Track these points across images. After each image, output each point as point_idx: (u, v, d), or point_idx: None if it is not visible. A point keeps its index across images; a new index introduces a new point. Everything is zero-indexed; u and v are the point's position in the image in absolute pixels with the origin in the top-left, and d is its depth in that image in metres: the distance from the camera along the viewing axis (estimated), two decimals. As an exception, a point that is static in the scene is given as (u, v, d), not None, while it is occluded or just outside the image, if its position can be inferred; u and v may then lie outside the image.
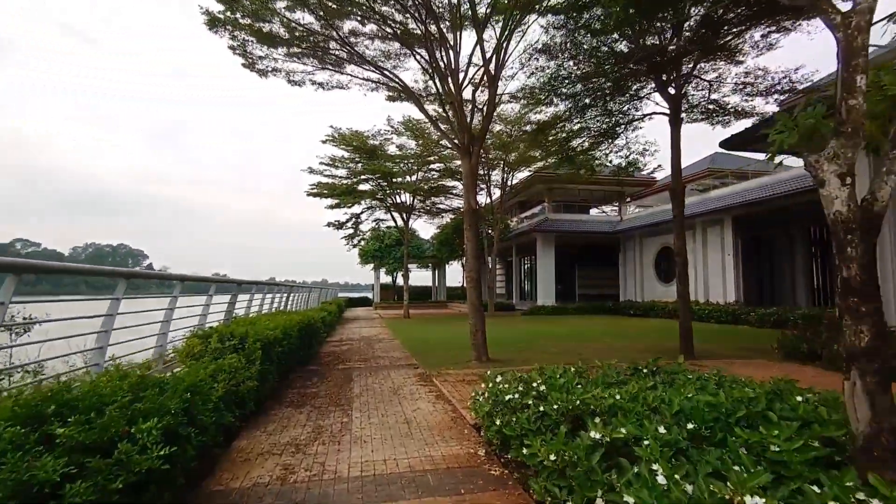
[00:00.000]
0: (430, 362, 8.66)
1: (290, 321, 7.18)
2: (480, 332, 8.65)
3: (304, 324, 8.27)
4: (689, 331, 9.19)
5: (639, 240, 24.84)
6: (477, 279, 8.81)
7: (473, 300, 8.76)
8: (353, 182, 21.73)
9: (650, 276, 23.91)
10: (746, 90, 10.45)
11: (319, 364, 8.74)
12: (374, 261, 35.58)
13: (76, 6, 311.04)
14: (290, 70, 9.50)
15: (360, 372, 7.82)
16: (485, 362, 8.43)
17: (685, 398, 3.04)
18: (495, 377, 4.53)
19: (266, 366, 5.04)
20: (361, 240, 23.93)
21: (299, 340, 7.71)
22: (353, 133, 20.27)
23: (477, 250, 8.82)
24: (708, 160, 31.77)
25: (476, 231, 8.81)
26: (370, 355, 9.87)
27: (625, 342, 11.90)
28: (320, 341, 11.38)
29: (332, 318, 14.58)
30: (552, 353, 9.85)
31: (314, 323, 9.64)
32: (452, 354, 9.61)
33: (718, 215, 19.04)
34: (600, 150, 11.96)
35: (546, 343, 11.62)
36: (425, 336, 13.60)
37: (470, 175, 8.92)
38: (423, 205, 25.83)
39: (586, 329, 15.82)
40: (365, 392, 6.21)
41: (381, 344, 12.02)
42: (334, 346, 11.75)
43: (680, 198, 9.36)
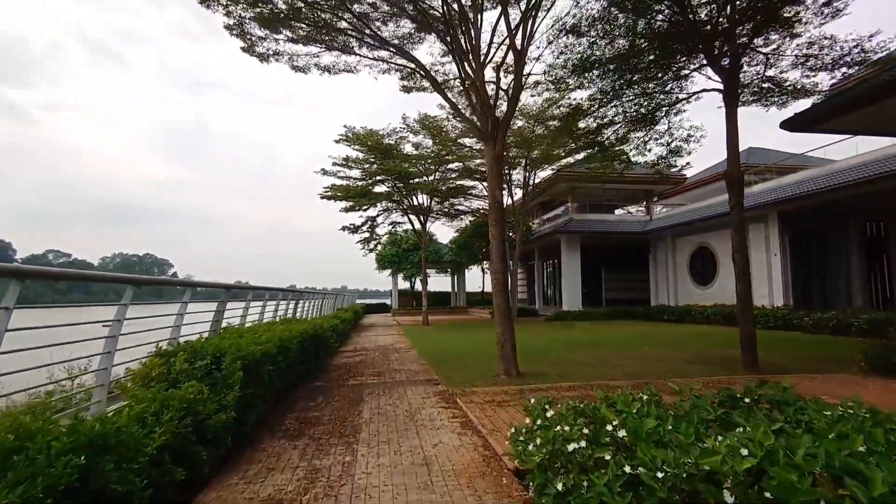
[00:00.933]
0: (451, 377, 7.59)
1: (291, 332, 6.21)
2: (509, 343, 7.55)
3: (310, 334, 7.30)
4: (751, 339, 7.92)
5: (671, 240, 23.33)
6: (504, 282, 7.72)
7: (500, 306, 7.67)
8: (368, 183, 20.89)
9: (684, 278, 22.37)
10: (809, 63, 9.14)
11: (328, 379, 7.75)
12: (391, 266, 34.72)
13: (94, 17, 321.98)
14: (293, 53, 8.64)
15: (373, 389, 6.80)
16: (515, 377, 7.32)
17: (866, 459, 1.90)
18: (542, 407, 3.44)
19: (251, 390, 4.05)
20: (378, 244, 23.05)
21: (302, 353, 6.75)
22: (368, 132, 19.45)
23: (504, 250, 7.75)
24: (743, 155, 30.00)
25: (502, 229, 7.75)
26: (385, 368, 8.85)
27: (668, 351, 10.61)
28: (331, 352, 10.43)
29: (345, 326, 13.65)
30: (590, 364, 8.67)
31: (323, 332, 8.69)
32: (477, 367, 8.52)
33: (762, 211, 17.51)
34: (637, 137, 10.74)
35: (580, 353, 10.42)
36: (445, 345, 12.53)
37: (494, 164, 7.86)
38: (440, 207, 24.84)
39: (620, 336, 14.51)
40: (376, 417, 5.18)
41: (397, 354, 11.00)
42: (347, 356, 10.78)
43: (738, 186, 8.11)
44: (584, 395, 5.93)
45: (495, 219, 7.80)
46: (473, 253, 31.68)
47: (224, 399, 3.53)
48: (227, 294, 5.37)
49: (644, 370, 7.95)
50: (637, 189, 30.70)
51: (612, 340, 13.30)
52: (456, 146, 21.07)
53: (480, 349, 11.33)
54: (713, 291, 20.37)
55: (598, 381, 6.90)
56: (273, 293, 8.32)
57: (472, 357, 9.91)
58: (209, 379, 3.60)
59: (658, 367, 8.32)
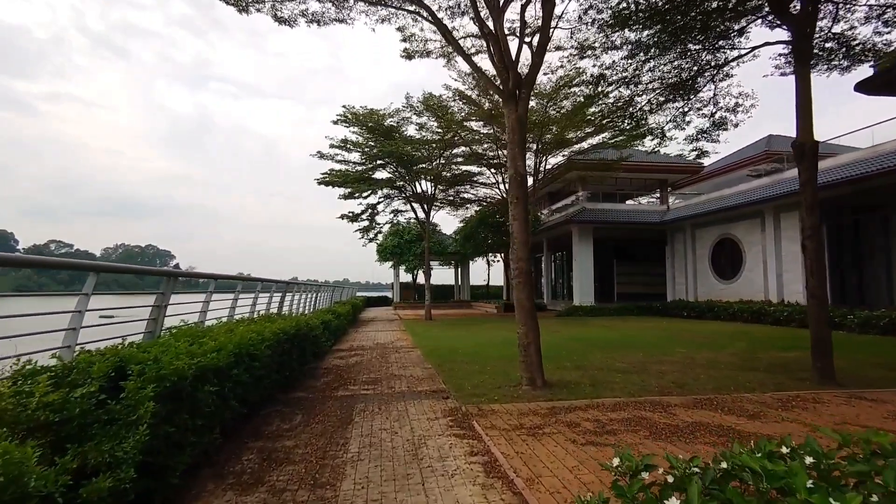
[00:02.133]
0: (462, 386, 6.25)
1: (262, 334, 4.87)
2: (534, 347, 6.19)
3: (290, 334, 5.96)
4: (826, 345, 6.52)
5: (690, 231, 21.89)
6: (528, 273, 6.36)
7: (523, 302, 6.30)
8: (368, 168, 19.47)
9: (705, 271, 20.95)
10: (886, 15, 7.69)
11: (313, 388, 6.42)
12: (392, 258, 33.38)
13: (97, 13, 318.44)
14: (275, 0, 7.22)
15: (366, 405, 5.46)
16: (541, 388, 5.97)
17: None
18: (639, 470, 2.07)
19: (174, 426, 2.71)
20: (378, 233, 21.67)
21: (279, 358, 5.41)
22: (368, 112, 18.01)
23: (528, 234, 6.38)
24: (763, 142, 28.48)
25: (525, 207, 6.37)
26: (383, 373, 7.51)
27: (708, 353, 9.25)
28: (321, 352, 9.10)
29: (340, 321, 12.32)
30: (624, 371, 7.32)
31: (310, 331, 7.35)
32: (492, 373, 7.18)
33: (797, 198, 15.98)
34: (674, 108, 9.28)
35: (606, 355, 9.07)
36: (452, 344, 11.19)
37: (517, 129, 6.46)
38: (444, 195, 23.42)
39: (643, 334, 13.15)
40: (366, 452, 3.84)
41: (398, 355, 9.67)
42: (341, 357, 9.45)
43: (811, 157, 6.68)
44: (639, 418, 4.57)
45: (516, 195, 6.41)
46: (479, 244, 30.29)
47: (118, 449, 2.19)
48: (169, 283, 4.01)
49: (695, 380, 6.60)
50: (651, 178, 29.24)
51: (636, 339, 11.94)
52: (462, 129, 19.63)
53: (493, 350, 10.00)
54: (737, 286, 18.96)
55: (648, 397, 5.54)
56: (249, 284, 6.97)
57: (485, 359, 8.58)
58: (93, 416, 2.26)
59: (709, 375, 6.96)
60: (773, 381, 6.43)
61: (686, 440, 3.95)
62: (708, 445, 3.81)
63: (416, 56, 10.35)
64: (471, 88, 19.48)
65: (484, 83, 10.03)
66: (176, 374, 2.75)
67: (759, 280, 17.91)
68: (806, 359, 8.55)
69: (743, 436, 4.04)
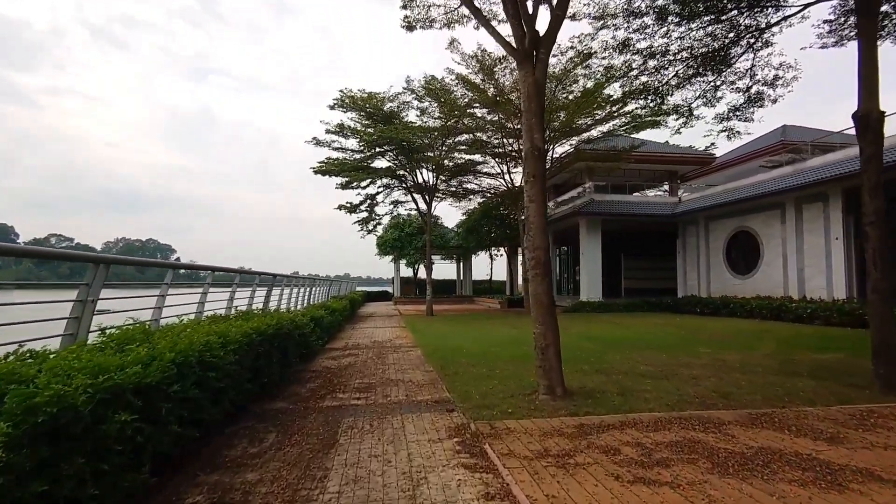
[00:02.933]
0: (470, 395, 5.37)
1: (225, 335, 3.98)
2: (553, 349, 5.30)
3: (268, 335, 5.08)
4: (892, 348, 5.59)
5: (703, 223, 20.94)
6: (546, 263, 5.46)
7: (541, 297, 5.40)
8: (367, 156, 18.52)
9: (719, 266, 20.01)
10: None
11: (295, 397, 5.54)
12: (393, 252, 32.50)
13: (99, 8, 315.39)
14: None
15: (355, 419, 4.58)
16: (562, 398, 5.09)
17: None
18: None
19: (44, 484, 1.81)
20: (377, 224, 20.76)
21: (252, 364, 4.53)
22: (367, 96, 17.04)
23: (545, 219, 5.48)
24: (778, 132, 27.43)
25: (543, 186, 5.47)
26: (378, 378, 6.63)
27: (737, 355, 8.35)
28: (311, 353, 8.22)
29: (335, 318, 11.45)
30: (652, 376, 6.43)
31: (295, 330, 6.47)
32: (502, 378, 6.29)
33: (821, 188, 15.08)
34: (704, 82, 8.31)
35: (625, 356, 8.18)
36: (456, 343, 10.31)
37: (534, 96, 5.53)
38: (447, 185, 22.45)
39: (659, 332, 12.26)
40: (349, 492, 2.95)
41: (396, 355, 8.79)
42: (333, 357, 8.58)
43: (876, 130, 5.74)
44: (691, 441, 3.69)
45: (532, 173, 5.49)
46: (482, 238, 29.40)
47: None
48: (98, 272, 3.11)
49: (737, 387, 5.70)
50: (660, 169, 28.28)
51: (653, 338, 11.05)
52: (465, 115, 18.65)
53: (500, 349, 9.12)
54: (754, 281, 18.03)
55: (691, 410, 4.65)
56: (224, 276, 6.08)
57: (492, 361, 7.69)
58: None
59: (750, 381, 6.06)
60: (827, 391, 5.53)
61: (763, 476, 3.06)
62: (796, 486, 2.91)
63: (418, 26, 9.38)
64: (475, 73, 18.48)
65: (498, 42, 8.88)
66: (57, 402, 1.86)
67: (778, 275, 16.97)
68: (848, 362, 7.68)
69: (833, 469, 3.15)
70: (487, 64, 17.90)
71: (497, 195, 24.11)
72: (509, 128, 19.73)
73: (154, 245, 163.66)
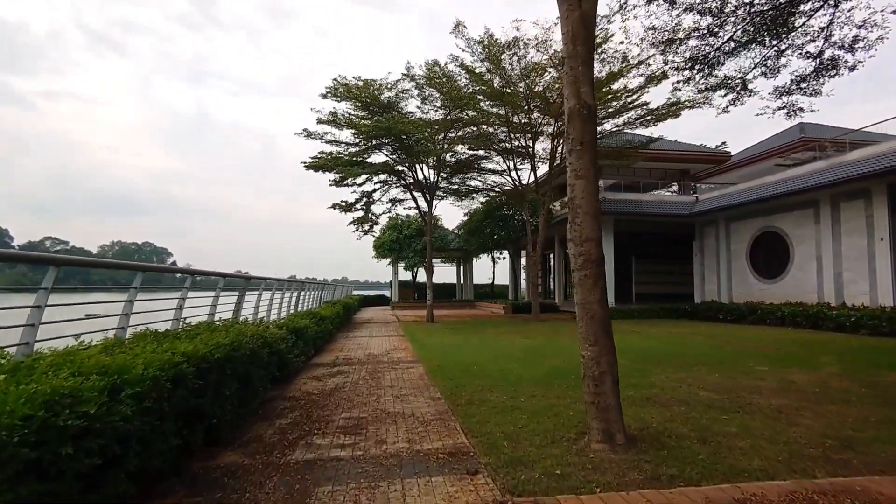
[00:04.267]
0: (496, 441, 3.91)
1: (127, 368, 2.52)
2: (610, 379, 3.86)
3: (212, 361, 3.61)
4: None
5: (724, 224, 19.55)
6: (600, 261, 4.03)
7: (593, 306, 3.97)
8: (362, 150, 17.07)
9: (742, 269, 18.61)
10: None
11: (256, 442, 4.07)
12: (390, 254, 31.03)
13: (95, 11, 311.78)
14: None
15: (335, 487, 3.11)
16: (626, 449, 3.64)
17: None
18: None
19: None
20: (374, 224, 19.28)
21: (181, 405, 3.07)
22: (364, 83, 15.61)
23: (597, 199, 4.05)
24: (796, 130, 26.15)
25: (594, 157, 4.06)
26: (371, 409, 5.16)
27: (799, 374, 6.91)
28: (290, 372, 6.73)
29: (324, 326, 9.96)
30: (718, 406, 5.00)
31: (263, 348, 5.01)
32: (533, 410, 4.83)
33: (863, 184, 13.70)
34: (762, 49, 6.91)
35: (669, 375, 6.75)
36: (465, 356, 8.86)
37: (580, 35, 4.11)
38: (448, 183, 21.01)
39: (691, 343, 10.83)
40: None
41: (395, 373, 7.32)
42: (318, 377, 7.10)
43: None
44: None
45: (581, 139, 4.06)
46: (484, 240, 27.95)
47: None
48: None
49: (852, 427, 4.25)
50: (672, 168, 26.99)
51: (689, 350, 9.62)
52: (469, 107, 17.22)
53: (518, 366, 7.67)
54: (782, 286, 16.63)
55: (833, 479, 3.19)
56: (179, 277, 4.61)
57: (513, 381, 6.24)
58: None
59: (861, 417, 4.61)
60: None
61: None
62: None
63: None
64: (480, 61, 17.11)
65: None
66: None
67: (811, 279, 15.58)
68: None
69: None
70: (494, 51, 16.52)
71: (502, 193, 22.69)
72: (515, 122, 18.36)
73: (150, 248, 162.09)
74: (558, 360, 8.25)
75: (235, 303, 6.99)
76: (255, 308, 8.01)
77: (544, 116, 18.40)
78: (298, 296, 11.73)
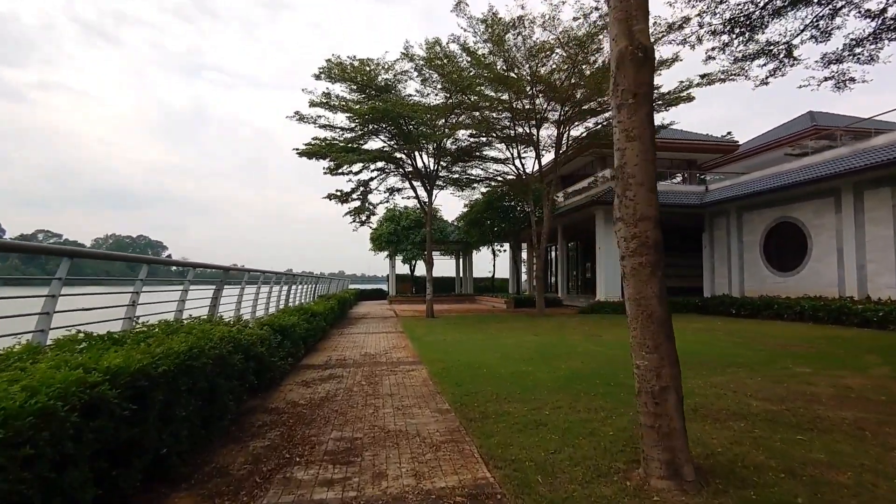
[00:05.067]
0: (527, 477, 3.06)
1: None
2: (675, 396, 3.01)
3: (157, 375, 2.73)
4: None
5: (736, 214, 18.74)
6: (657, 245, 3.17)
7: (648, 301, 3.13)
8: (358, 135, 16.11)
9: (755, 262, 17.82)
10: None
11: (221, 474, 3.20)
12: (388, 247, 30.11)
13: None
14: None
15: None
16: (696, 489, 2.79)
17: None
18: None
19: None
20: (371, 215, 18.32)
21: (125, 433, 2.18)
22: (359, 63, 14.62)
23: (654, 167, 3.19)
24: (806, 118, 25.33)
25: (651, 113, 3.21)
26: (368, 427, 4.30)
27: (850, 376, 6.15)
28: (273, 377, 5.86)
29: (315, 324, 9.08)
30: (783, 421, 4.20)
31: (234, 355, 4.13)
32: (564, 429, 3.99)
33: (891, 171, 12.87)
34: (814, 7, 6.02)
35: (708, 381, 5.93)
36: (472, 356, 8.01)
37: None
38: (448, 172, 20.08)
39: (712, 341, 10.01)
40: None
41: (394, 377, 6.46)
42: (306, 382, 6.23)
43: None
44: None
45: (634, 89, 3.18)
46: (485, 232, 27.08)
47: None
48: None
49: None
50: (677, 158, 26.20)
51: (716, 351, 8.78)
52: (472, 91, 16.25)
53: (533, 367, 6.82)
54: (800, 279, 15.84)
55: None
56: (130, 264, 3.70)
57: (532, 388, 5.39)
58: None
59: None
60: None
61: None
62: None
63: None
64: (482, 41, 16.13)
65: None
66: None
67: (831, 272, 14.80)
68: None
69: None
70: (497, 31, 15.54)
71: (504, 183, 21.79)
72: (518, 108, 17.41)
73: (145, 241, 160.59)
74: (576, 362, 7.41)
75: (212, 297, 6.11)
76: (237, 305, 7.12)
77: (549, 102, 17.48)
78: (289, 290, 10.83)
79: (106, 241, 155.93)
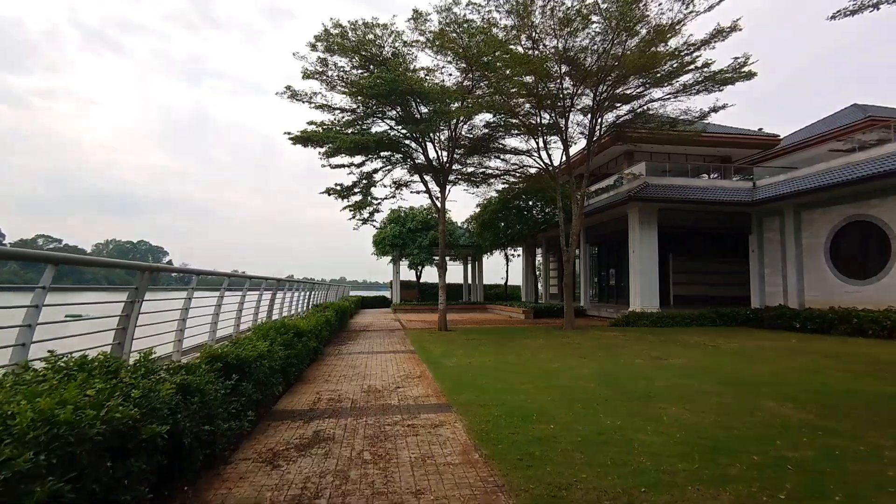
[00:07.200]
0: None
1: None
2: None
3: None
4: None
5: (792, 214, 16.34)
6: None
7: None
8: (360, 117, 13.82)
9: (818, 268, 15.39)
10: None
11: None
12: (392, 251, 27.76)
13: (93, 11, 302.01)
14: None
15: None
16: None
17: None
18: None
19: None
20: (374, 211, 15.95)
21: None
22: (364, 26, 12.33)
23: None
24: (852, 112, 22.95)
25: None
26: None
27: None
28: (212, 454, 3.45)
29: (304, 347, 6.70)
30: None
31: (81, 448, 1.75)
32: None
33: None
34: None
35: (879, 457, 3.52)
36: (522, 399, 5.63)
37: None
38: (462, 166, 17.77)
39: (818, 369, 7.57)
40: None
41: (415, 447, 4.08)
42: (270, 457, 3.85)
43: None
44: None
45: None
46: (498, 234, 24.76)
47: None
48: None
49: None
50: (711, 154, 23.81)
51: (837, 387, 6.34)
52: (491, 70, 13.98)
53: (623, 422, 4.36)
54: (880, 288, 13.42)
55: None
56: None
57: (654, 470, 2.99)
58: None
59: None
60: None
61: None
62: None
63: None
64: (505, 13, 13.87)
65: None
66: None
67: None
68: None
69: None
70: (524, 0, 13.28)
71: (524, 179, 19.40)
72: (543, 93, 15.07)
73: (146, 247, 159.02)
74: (676, 409, 5.03)
75: (130, 314, 3.76)
76: (183, 319, 4.75)
77: (578, 86, 15.17)
78: (271, 300, 8.47)
79: (106, 246, 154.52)
